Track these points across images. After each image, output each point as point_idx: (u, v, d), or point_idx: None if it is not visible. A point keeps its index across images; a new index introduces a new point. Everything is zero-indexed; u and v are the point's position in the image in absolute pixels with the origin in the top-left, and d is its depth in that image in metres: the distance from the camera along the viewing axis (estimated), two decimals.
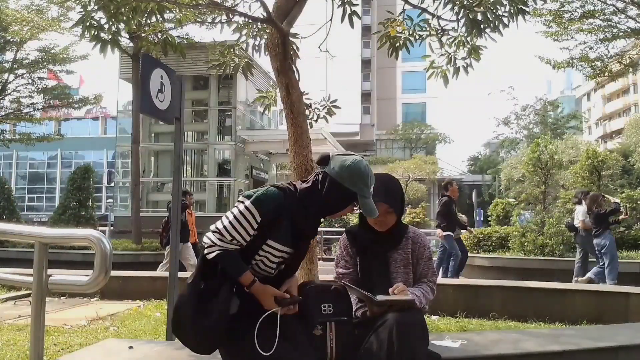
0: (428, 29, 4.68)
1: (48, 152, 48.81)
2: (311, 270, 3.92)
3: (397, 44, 4.76)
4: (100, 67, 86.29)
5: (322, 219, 2.37)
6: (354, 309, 2.50)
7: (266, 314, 2.11)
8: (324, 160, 2.22)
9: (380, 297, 2.33)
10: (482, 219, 27.29)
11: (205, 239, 2.17)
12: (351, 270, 2.62)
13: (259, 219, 2.11)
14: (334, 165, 2.18)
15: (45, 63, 17.86)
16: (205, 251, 2.15)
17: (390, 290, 2.39)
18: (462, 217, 9.69)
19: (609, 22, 13.39)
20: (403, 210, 2.60)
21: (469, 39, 4.54)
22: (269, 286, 2.18)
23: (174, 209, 3.73)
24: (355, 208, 2.26)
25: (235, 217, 2.12)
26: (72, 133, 42.33)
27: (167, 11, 4.80)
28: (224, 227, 2.12)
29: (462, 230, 9.36)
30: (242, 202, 2.15)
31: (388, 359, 2.14)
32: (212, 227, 2.16)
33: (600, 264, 8.20)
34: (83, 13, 4.10)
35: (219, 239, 2.13)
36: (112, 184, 23.12)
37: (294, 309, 2.21)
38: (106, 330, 4.09)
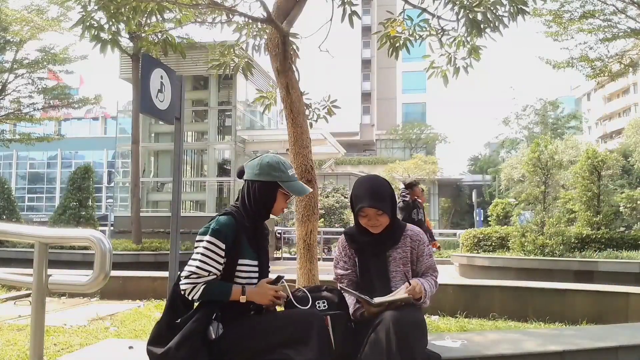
0: (428, 29, 4.69)
1: (48, 152, 48.78)
2: (311, 270, 3.91)
3: (397, 44, 4.76)
4: (100, 67, 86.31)
5: (266, 224, 2.49)
6: (352, 311, 2.51)
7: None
8: (241, 172, 2.46)
9: (377, 299, 2.34)
10: (481, 219, 27.30)
11: (182, 286, 2.23)
12: (350, 271, 2.62)
13: (223, 247, 2.25)
14: (247, 170, 2.43)
15: (45, 63, 17.81)
16: (190, 296, 2.22)
17: (405, 285, 2.39)
18: None
19: (609, 22, 13.37)
20: (395, 208, 2.59)
21: (469, 39, 4.55)
22: (261, 284, 2.29)
23: (174, 208, 3.72)
24: (290, 197, 2.44)
25: (202, 254, 2.23)
26: (72, 133, 42.28)
27: (167, 11, 4.80)
28: (197, 267, 2.21)
29: None
30: (202, 240, 2.26)
31: (388, 359, 2.14)
32: (184, 273, 2.24)
33: None
34: (83, 13, 4.11)
35: (197, 278, 2.21)
36: (112, 184, 23.10)
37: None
38: (106, 330, 4.09)
